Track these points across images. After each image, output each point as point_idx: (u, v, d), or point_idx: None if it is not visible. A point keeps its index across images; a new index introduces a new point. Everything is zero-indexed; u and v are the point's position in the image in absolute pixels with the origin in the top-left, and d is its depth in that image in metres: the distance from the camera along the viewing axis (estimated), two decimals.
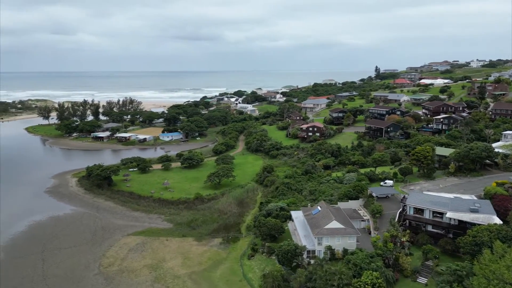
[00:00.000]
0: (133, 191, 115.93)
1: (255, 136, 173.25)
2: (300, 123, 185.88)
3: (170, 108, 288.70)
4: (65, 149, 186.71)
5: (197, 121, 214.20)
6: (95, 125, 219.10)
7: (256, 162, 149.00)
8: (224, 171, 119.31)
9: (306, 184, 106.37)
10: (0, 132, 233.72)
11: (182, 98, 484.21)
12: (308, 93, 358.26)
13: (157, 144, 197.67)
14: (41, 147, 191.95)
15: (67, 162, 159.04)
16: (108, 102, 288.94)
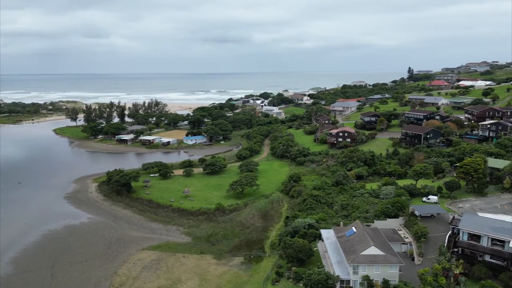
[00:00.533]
0: (152, 199, 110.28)
1: (281, 141, 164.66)
2: (329, 128, 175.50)
3: (195, 110, 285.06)
4: (89, 152, 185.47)
5: (222, 124, 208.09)
6: (120, 127, 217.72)
7: (281, 169, 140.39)
8: (247, 180, 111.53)
9: (337, 197, 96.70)
10: (29, 134, 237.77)
11: (208, 100, 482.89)
12: (337, 95, 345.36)
13: (180, 147, 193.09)
14: (66, 149, 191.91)
15: (90, 165, 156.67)
16: (134, 104, 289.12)
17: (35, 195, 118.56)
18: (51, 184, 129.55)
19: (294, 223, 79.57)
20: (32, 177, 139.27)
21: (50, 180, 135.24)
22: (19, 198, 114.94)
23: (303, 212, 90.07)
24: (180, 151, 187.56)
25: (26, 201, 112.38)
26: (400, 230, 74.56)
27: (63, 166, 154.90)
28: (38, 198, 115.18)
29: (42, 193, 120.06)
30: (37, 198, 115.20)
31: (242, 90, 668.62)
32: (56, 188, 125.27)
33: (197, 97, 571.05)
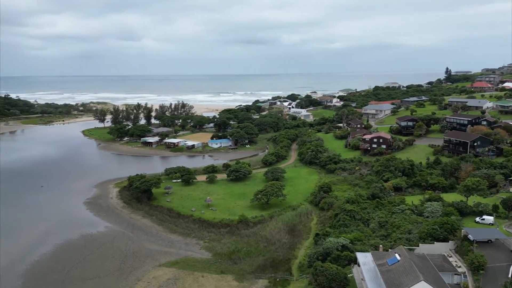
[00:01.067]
0: (173, 208, 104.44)
1: (309, 146, 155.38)
2: (362, 132, 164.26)
3: (221, 112, 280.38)
4: (114, 155, 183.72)
5: (247, 128, 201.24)
6: (145, 129, 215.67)
7: (310, 177, 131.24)
8: (273, 189, 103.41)
9: (373, 212, 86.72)
10: (58, 135, 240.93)
11: (235, 102, 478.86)
12: (368, 97, 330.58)
13: (205, 151, 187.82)
14: (92, 151, 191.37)
15: (113, 169, 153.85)
16: (161, 106, 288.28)
17: (56, 199, 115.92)
18: (73, 188, 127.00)
19: (326, 243, 70.68)
20: (56, 180, 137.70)
21: (73, 183, 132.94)
22: (40, 203, 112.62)
23: (335, 229, 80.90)
24: (204, 155, 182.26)
25: (47, 206, 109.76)
26: (450, 256, 64.01)
27: (87, 169, 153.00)
28: (58, 203, 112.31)
29: (63, 198, 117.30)
30: (58, 203, 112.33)
31: (269, 92, 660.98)
32: (78, 192, 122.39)
33: (224, 98, 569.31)
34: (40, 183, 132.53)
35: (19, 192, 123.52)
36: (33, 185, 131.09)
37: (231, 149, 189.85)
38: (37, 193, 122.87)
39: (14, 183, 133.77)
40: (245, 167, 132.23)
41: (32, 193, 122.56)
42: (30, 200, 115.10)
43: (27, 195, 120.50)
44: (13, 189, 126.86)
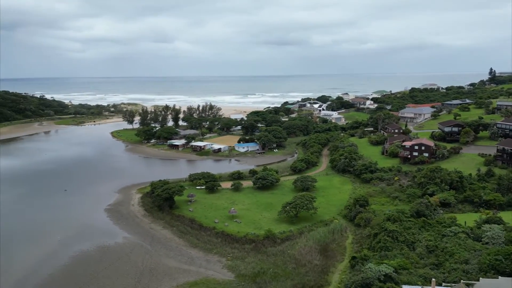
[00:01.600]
0: (195, 218, 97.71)
1: (342, 152, 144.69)
2: (400, 138, 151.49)
3: (249, 114, 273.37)
4: (140, 158, 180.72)
5: (276, 131, 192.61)
6: (172, 132, 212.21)
7: (343, 187, 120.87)
8: (303, 202, 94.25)
9: (419, 234, 75.65)
10: (87, 136, 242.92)
11: (263, 104, 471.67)
12: (405, 99, 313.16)
13: (231, 155, 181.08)
14: (118, 153, 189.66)
15: (137, 172, 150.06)
16: (188, 107, 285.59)
17: (77, 205, 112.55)
18: (95, 193, 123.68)
19: (365, 271, 60.90)
20: (80, 183, 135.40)
21: (96, 187, 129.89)
22: (61, 209, 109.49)
23: (375, 252, 70.74)
24: (231, 159, 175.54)
25: (67, 213, 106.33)
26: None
27: (111, 172, 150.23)
28: (79, 210, 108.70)
29: (84, 203, 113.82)
30: (79, 210, 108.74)
31: (298, 93, 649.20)
32: (100, 197, 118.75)
33: (252, 100, 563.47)
34: (65, 186, 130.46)
35: (43, 195, 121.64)
36: (57, 188, 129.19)
37: (258, 154, 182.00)
38: (60, 197, 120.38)
39: (40, 185, 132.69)
40: (272, 175, 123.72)
41: (55, 197, 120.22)
42: (52, 205, 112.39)
43: (50, 199, 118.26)
44: (38, 192, 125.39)
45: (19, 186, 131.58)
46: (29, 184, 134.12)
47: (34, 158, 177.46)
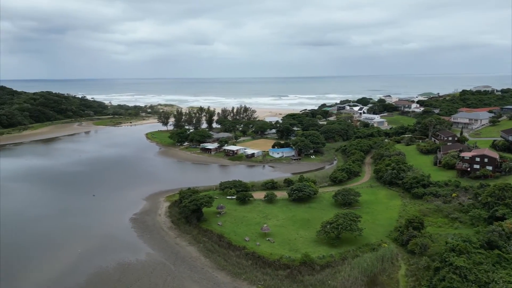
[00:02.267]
0: (224, 234, 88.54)
1: (388, 162, 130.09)
2: (456, 147, 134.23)
3: (284, 117, 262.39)
4: (171, 161, 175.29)
5: (313, 136, 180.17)
6: (205, 135, 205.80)
7: (391, 203, 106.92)
8: (345, 222, 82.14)
9: (494, 271, 61.31)
10: (122, 137, 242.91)
11: (300, 106, 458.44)
12: (455, 102, 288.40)
13: (265, 161, 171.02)
14: (150, 156, 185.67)
15: (167, 178, 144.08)
16: (223, 109, 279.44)
17: (103, 212, 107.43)
18: (123, 199, 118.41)
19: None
20: (110, 187, 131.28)
21: (125, 193, 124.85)
22: (87, 215, 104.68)
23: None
24: (264, 165, 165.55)
25: (92, 220, 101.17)
26: None
27: (141, 177, 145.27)
28: (104, 218, 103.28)
29: (110, 211, 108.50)
30: (104, 218, 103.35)
31: (336, 95, 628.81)
32: (127, 205, 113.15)
33: (288, 102, 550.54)
34: (94, 190, 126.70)
35: (71, 199, 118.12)
36: (86, 192, 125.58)
37: (294, 160, 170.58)
38: (87, 202, 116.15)
39: (69, 189, 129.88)
40: (310, 186, 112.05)
41: (82, 202, 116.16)
42: (78, 211, 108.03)
43: (76, 204, 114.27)
44: (66, 195, 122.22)
45: (48, 189, 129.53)
46: (58, 187, 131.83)
47: (69, 159, 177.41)
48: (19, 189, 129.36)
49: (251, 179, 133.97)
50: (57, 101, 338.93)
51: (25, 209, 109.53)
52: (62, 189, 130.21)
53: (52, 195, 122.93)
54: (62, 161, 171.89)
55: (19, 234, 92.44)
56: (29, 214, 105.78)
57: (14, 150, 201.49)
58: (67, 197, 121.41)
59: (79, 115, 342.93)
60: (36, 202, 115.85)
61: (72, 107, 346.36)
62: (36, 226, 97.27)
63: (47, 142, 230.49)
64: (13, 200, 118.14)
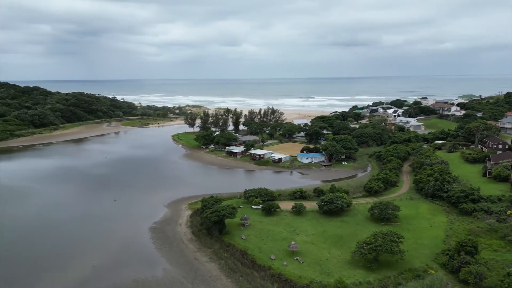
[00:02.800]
0: (247, 251, 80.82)
1: (430, 172, 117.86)
2: (508, 156, 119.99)
3: (313, 120, 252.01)
4: (196, 165, 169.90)
5: (345, 141, 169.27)
6: (231, 138, 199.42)
7: (435, 219, 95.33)
8: (385, 243, 72.12)
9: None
10: (149, 138, 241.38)
11: (330, 108, 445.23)
12: (499, 105, 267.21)
13: (293, 166, 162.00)
14: (175, 159, 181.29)
15: (191, 183, 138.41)
16: (250, 111, 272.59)
17: (122, 220, 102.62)
18: (144, 205, 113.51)
19: None
20: (131, 192, 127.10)
21: (146, 198, 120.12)
22: (105, 223, 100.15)
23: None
24: (292, 171, 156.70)
25: (110, 229, 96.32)
26: None
27: (164, 182, 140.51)
28: (123, 226, 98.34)
29: (130, 218, 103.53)
30: (123, 226, 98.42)
31: (368, 96, 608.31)
32: (147, 212, 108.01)
33: (318, 103, 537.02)
34: (116, 195, 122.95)
35: (91, 204, 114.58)
36: (108, 196, 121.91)
37: (324, 166, 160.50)
38: (108, 207, 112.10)
39: (90, 192, 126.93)
40: (342, 198, 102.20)
41: (102, 207, 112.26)
42: (97, 218, 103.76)
43: (96, 209, 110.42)
44: (86, 199, 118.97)
45: (70, 192, 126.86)
46: (80, 190, 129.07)
47: (94, 160, 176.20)
48: (40, 191, 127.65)
49: (278, 186, 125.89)
50: (88, 102, 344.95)
51: (43, 214, 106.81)
52: (83, 192, 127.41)
53: (72, 199, 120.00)
54: (88, 163, 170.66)
55: (33, 241, 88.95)
56: (47, 219, 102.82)
57: (42, 151, 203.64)
58: (87, 201, 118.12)
59: (109, 116, 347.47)
60: (55, 206, 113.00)
61: (103, 108, 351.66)
62: (52, 233, 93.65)
63: (76, 142, 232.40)
64: (31, 203, 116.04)
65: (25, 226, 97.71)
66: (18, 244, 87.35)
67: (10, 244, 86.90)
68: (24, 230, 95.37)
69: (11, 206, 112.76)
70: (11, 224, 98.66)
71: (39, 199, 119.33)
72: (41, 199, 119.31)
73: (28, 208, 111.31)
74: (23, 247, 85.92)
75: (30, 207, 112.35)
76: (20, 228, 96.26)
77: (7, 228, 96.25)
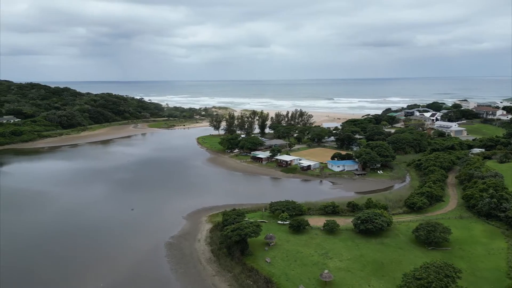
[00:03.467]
0: (272, 278, 70.41)
1: (483, 187, 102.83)
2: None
3: (344, 123, 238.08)
4: (220, 171, 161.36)
5: (380, 147, 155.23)
6: (257, 142, 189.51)
7: (492, 244, 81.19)
8: (439, 279, 59.52)
9: None
10: (174, 141, 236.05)
11: (360, 110, 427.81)
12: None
13: (323, 174, 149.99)
14: (198, 164, 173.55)
15: (213, 191, 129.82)
16: (276, 114, 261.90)
17: (137, 232, 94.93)
18: (162, 216, 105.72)
19: None
20: (150, 200, 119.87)
21: (165, 207, 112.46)
22: (118, 237, 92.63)
23: None
24: (322, 180, 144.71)
25: (123, 244, 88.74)
26: None
27: (185, 189, 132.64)
28: (137, 240, 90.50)
29: (146, 231, 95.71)
30: (137, 240, 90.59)
31: (401, 98, 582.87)
32: (164, 224, 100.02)
33: (348, 105, 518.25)
34: (134, 203, 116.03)
35: (107, 214, 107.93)
36: (125, 204, 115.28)
37: (358, 175, 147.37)
38: (124, 217, 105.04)
39: (108, 199, 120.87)
40: (381, 215, 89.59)
41: (119, 217, 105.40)
42: (111, 230, 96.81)
43: (112, 219, 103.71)
44: (104, 208, 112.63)
45: (87, 198, 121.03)
46: (98, 197, 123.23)
47: (116, 163, 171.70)
48: (57, 196, 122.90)
49: (307, 197, 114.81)
50: (116, 103, 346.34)
51: (55, 222, 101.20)
52: (100, 199, 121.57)
53: (88, 206, 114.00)
54: (109, 166, 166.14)
55: (36, 254, 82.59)
56: (57, 228, 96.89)
57: (67, 153, 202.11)
58: (103, 209, 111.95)
59: (136, 117, 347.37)
60: (68, 214, 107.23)
61: (130, 109, 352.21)
62: (59, 245, 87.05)
63: (102, 144, 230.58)
64: (45, 209, 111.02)
65: (32, 236, 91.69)
66: (17, 256, 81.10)
67: (8, 256, 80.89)
68: (29, 240, 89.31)
69: (20, 212, 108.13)
70: (15, 234, 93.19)
71: (54, 206, 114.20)
72: (56, 206, 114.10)
73: (40, 215, 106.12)
74: (23, 260, 79.58)
75: (42, 214, 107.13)
76: (26, 238, 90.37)
77: (8, 238, 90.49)
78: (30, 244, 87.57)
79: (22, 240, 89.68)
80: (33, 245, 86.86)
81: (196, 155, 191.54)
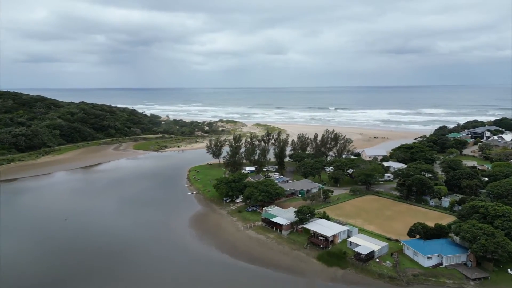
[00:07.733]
0: None
1: None
2: None
3: (396, 150, 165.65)
4: (205, 255, 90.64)
5: (506, 217, 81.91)
6: (274, 192, 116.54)
7: None
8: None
9: None
10: (154, 176, 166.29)
11: (396, 125, 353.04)
12: None
13: (402, 274, 78.08)
14: (172, 237, 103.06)
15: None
16: (299, 136, 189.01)
17: None
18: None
19: None
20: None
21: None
22: None
23: None
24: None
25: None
26: None
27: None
28: None
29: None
30: None
31: (438, 110, 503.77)
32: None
33: (374, 115, 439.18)
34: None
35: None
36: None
37: (473, 281, 74.31)
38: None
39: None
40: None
41: None
42: None
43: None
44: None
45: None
46: None
47: (43, 233, 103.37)
48: None
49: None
50: (99, 116, 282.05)
51: None
52: None
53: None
54: (20, 246, 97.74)
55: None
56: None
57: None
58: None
59: (123, 133, 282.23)
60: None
61: (116, 124, 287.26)
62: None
63: (46, 179, 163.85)
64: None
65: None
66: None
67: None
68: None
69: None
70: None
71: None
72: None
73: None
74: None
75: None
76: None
77: None
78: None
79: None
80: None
81: (178, 209, 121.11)
